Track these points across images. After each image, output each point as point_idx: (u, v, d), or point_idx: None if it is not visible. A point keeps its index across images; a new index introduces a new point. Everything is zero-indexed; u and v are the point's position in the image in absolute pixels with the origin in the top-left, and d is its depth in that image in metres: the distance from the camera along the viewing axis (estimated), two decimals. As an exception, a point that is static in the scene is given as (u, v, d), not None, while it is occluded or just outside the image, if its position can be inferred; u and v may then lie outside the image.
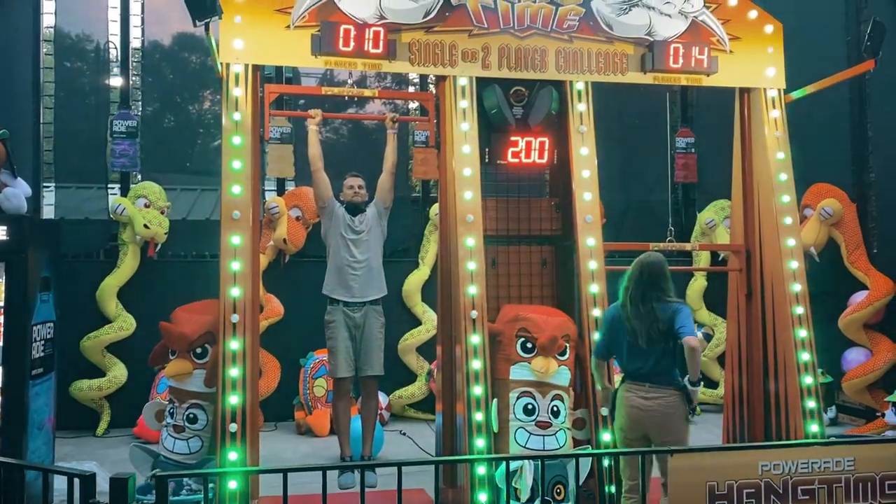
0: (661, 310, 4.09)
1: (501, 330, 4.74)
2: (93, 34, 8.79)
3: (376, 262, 5.03)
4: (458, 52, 4.94)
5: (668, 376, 4.12)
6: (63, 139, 8.69)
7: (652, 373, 4.10)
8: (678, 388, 4.09)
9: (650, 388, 4.09)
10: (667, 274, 4.24)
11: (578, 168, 5.00)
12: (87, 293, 7.79)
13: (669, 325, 4.05)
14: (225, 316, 4.35)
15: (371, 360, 4.93)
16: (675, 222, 9.23)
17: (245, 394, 4.31)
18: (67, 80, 8.89)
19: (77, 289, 7.64)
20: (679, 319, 4.04)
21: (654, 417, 4.07)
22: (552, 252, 5.38)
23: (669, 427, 4.07)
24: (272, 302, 8.05)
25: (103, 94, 8.77)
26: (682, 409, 4.09)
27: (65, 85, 8.83)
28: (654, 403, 4.07)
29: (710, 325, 8.82)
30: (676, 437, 4.06)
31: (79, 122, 8.91)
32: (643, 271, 4.21)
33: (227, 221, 4.46)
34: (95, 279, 7.85)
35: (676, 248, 6.03)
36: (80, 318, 7.59)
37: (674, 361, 4.12)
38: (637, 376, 4.16)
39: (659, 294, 4.14)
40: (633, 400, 4.13)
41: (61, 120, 8.66)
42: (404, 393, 8.23)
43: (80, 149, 8.87)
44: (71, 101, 8.87)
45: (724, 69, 5.32)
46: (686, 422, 4.13)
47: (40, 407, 4.97)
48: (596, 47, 5.15)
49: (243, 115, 4.60)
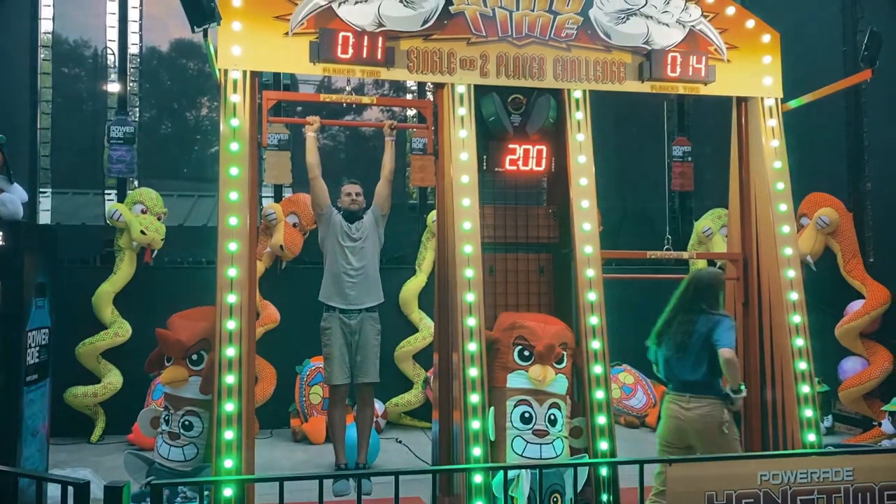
0: (702, 322, 4.29)
1: (499, 338, 4.73)
2: (90, 40, 8.81)
3: (373, 269, 5.02)
4: (456, 60, 4.94)
5: (708, 386, 4.28)
6: (60, 145, 8.68)
7: (692, 383, 4.30)
8: (719, 398, 4.24)
9: (690, 398, 4.30)
10: (715, 289, 4.49)
11: (576, 176, 4.99)
12: (84, 299, 7.76)
13: (707, 337, 4.22)
14: (221, 323, 4.33)
15: (367, 367, 4.92)
16: (672, 230, 9.25)
17: (241, 401, 4.28)
18: (65, 86, 8.88)
19: (73, 295, 7.60)
20: (717, 331, 4.23)
21: (695, 427, 4.26)
22: (550, 260, 5.37)
23: (708, 436, 4.23)
24: (268, 308, 8.03)
25: (101, 100, 8.77)
26: (721, 418, 4.23)
27: (62, 91, 8.82)
28: (693, 413, 4.26)
29: (706, 334, 8.81)
30: (718, 446, 4.18)
31: (76, 128, 8.90)
32: (689, 285, 4.49)
33: (224, 228, 4.45)
34: (92, 285, 7.83)
35: (674, 257, 6.04)
36: (76, 324, 7.57)
37: (714, 372, 4.26)
38: (678, 387, 4.39)
39: (703, 307, 4.36)
40: (674, 410, 4.35)
41: (58, 126, 8.65)
42: (400, 401, 8.20)
43: (78, 155, 8.85)
44: (68, 107, 8.86)
45: (722, 78, 5.33)
46: (723, 430, 4.24)
47: (34, 413, 4.94)
48: (594, 56, 5.16)
49: (241, 122, 4.59)
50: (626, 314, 7.60)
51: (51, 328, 5.15)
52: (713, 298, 4.43)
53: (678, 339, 4.35)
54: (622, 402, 8.33)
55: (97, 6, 8.59)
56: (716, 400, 4.26)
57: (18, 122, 8.11)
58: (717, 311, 4.38)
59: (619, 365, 8.45)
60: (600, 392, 4.68)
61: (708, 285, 4.46)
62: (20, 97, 8.17)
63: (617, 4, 5.20)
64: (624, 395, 8.38)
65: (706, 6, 5.34)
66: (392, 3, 4.87)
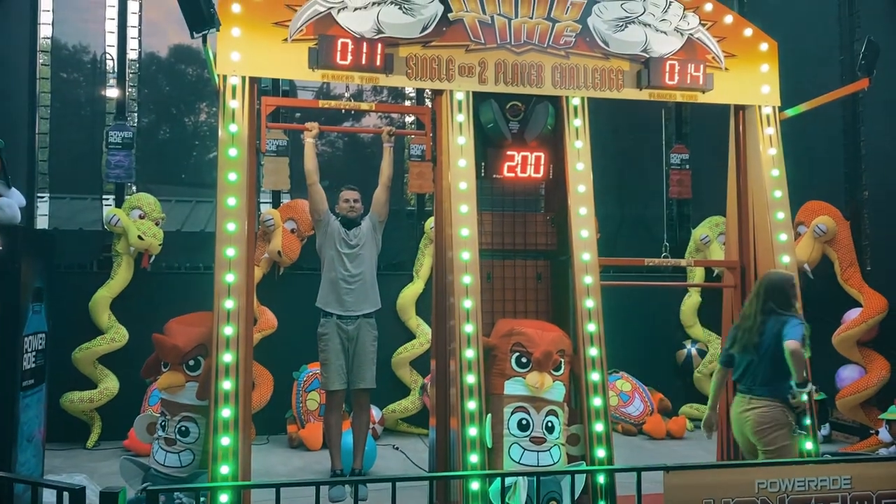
0: (772, 322, 4.37)
1: (496, 344, 4.73)
2: (90, 45, 8.80)
3: (370, 275, 5.02)
4: (454, 67, 4.95)
5: (770, 388, 4.36)
6: (59, 150, 8.67)
7: (756, 384, 4.39)
8: (779, 400, 4.31)
9: (751, 399, 4.40)
10: (786, 290, 4.53)
11: (574, 183, 5.00)
12: (81, 304, 7.74)
13: (777, 337, 4.30)
14: (218, 328, 4.32)
15: (363, 373, 4.92)
16: (670, 238, 9.25)
17: (237, 407, 4.27)
18: (63, 91, 8.87)
19: (70, 300, 7.59)
20: (785, 329, 4.29)
21: (751, 427, 4.35)
22: (547, 266, 5.38)
23: (764, 437, 4.31)
24: (266, 314, 8.01)
25: (99, 105, 8.76)
26: (778, 419, 4.31)
27: (61, 95, 8.82)
28: (750, 414, 4.36)
29: (703, 341, 8.83)
30: (773, 448, 4.28)
31: (75, 133, 8.89)
32: (760, 286, 4.57)
33: (221, 233, 4.44)
34: (89, 290, 7.81)
35: (671, 264, 6.04)
36: (73, 329, 7.55)
37: (780, 374, 4.31)
38: (743, 388, 4.47)
39: (773, 307, 4.42)
40: (736, 411, 4.47)
41: (57, 130, 8.64)
42: (397, 407, 8.18)
43: (76, 160, 8.84)
44: (67, 112, 8.85)
45: (720, 86, 5.35)
46: (780, 431, 4.31)
47: (30, 419, 4.92)
48: (592, 63, 5.17)
49: (240, 127, 4.59)
50: (623, 321, 7.65)
51: (47, 333, 5.13)
52: (783, 299, 4.47)
53: (750, 339, 4.42)
54: (619, 409, 8.31)
55: (97, 11, 8.60)
56: (775, 402, 4.32)
57: (17, 127, 8.09)
58: (788, 312, 4.43)
59: (617, 372, 8.44)
60: (598, 399, 4.68)
61: (778, 286, 4.51)
62: (19, 102, 8.16)
63: (615, 12, 5.22)
64: (621, 402, 8.37)
65: (704, 14, 5.36)
66: (391, 9, 4.88)
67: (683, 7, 5.34)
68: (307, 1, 4.77)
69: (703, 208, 9.15)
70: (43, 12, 8.40)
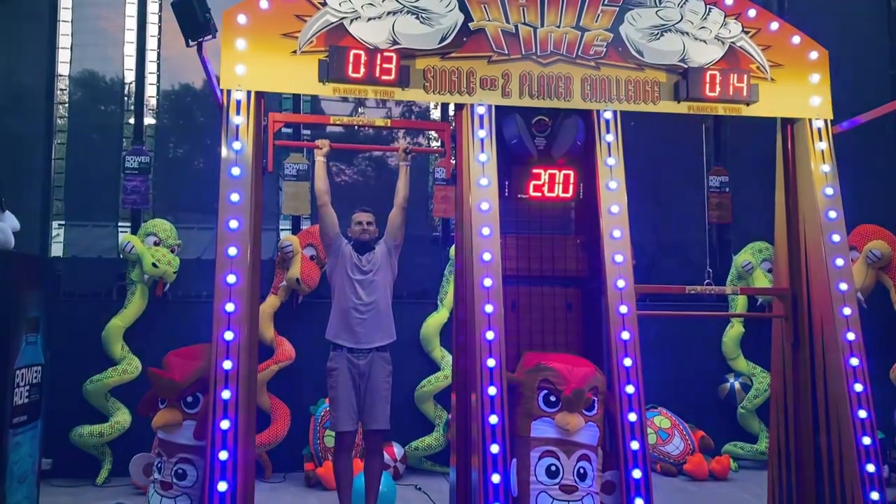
0: None
1: (522, 380, 4.31)
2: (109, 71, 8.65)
3: (384, 304, 4.63)
4: (476, 80, 4.60)
5: None
6: (76, 177, 8.49)
7: None
8: None
9: None
10: None
11: (607, 203, 4.59)
12: (94, 334, 7.50)
13: None
14: (216, 362, 3.97)
15: (376, 412, 4.50)
16: (710, 265, 8.77)
17: (237, 449, 3.90)
18: (82, 118, 8.73)
19: (84, 329, 7.37)
20: None
21: None
22: (578, 294, 4.94)
23: None
24: (284, 345, 7.67)
25: (120, 132, 8.59)
26: None
27: (79, 121, 8.67)
28: None
29: (747, 375, 8.28)
30: None
31: (93, 160, 8.72)
32: None
33: (221, 259, 4.13)
34: (103, 320, 7.56)
35: (716, 292, 5.58)
36: (85, 359, 7.31)
37: None
38: None
39: None
40: None
41: (74, 157, 8.48)
42: (420, 444, 7.74)
43: (94, 186, 8.65)
44: (85, 138, 8.70)
45: (766, 98, 4.93)
46: None
47: (22, 458, 4.60)
48: (625, 74, 4.79)
49: (245, 145, 4.28)
50: (660, 353, 7.23)
51: (44, 365, 4.83)
52: None
53: None
54: (658, 447, 7.80)
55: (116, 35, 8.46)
56: None
57: (33, 153, 7.97)
58: None
59: (655, 408, 7.95)
60: (636, 442, 4.22)
61: None
62: (35, 127, 8.03)
63: (650, 20, 4.84)
64: (660, 440, 7.85)
65: (747, 22, 4.96)
66: (408, 19, 4.56)
67: (724, 14, 4.94)
68: (318, 11, 4.48)
69: (744, 233, 8.66)
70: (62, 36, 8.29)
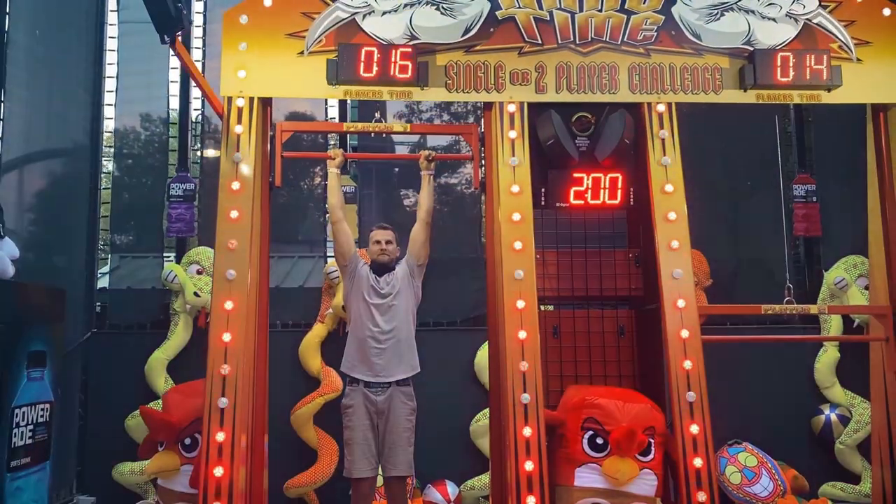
0: None
1: (563, 420, 3.68)
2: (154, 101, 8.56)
3: (406, 332, 4.08)
4: (505, 74, 4.07)
5: None
6: (122, 207, 8.39)
7: None
8: None
9: None
10: None
11: (661, 209, 3.95)
12: (139, 367, 7.28)
13: None
14: (211, 400, 3.52)
15: (396, 456, 3.93)
16: (798, 283, 7.87)
17: (231, 498, 3.41)
18: (128, 147, 8.66)
19: (127, 363, 7.16)
20: None
21: None
22: (631, 317, 4.30)
23: None
24: (330, 376, 7.23)
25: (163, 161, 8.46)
26: None
27: (125, 152, 8.60)
28: None
29: (845, 406, 7.34)
30: None
31: (138, 190, 8.63)
32: None
33: (219, 282, 3.69)
34: (147, 352, 7.34)
35: (798, 311, 4.81)
36: (128, 394, 7.07)
37: None
38: None
39: None
40: None
41: (119, 188, 8.39)
42: (477, 483, 7.11)
43: (141, 216, 8.54)
44: (131, 168, 8.62)
45: (851, 82, 4.20)
46: None
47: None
48: (680, 61, 4.16)
49: (245, 157, 3.86)
50: (743, 382, 6.40)
51: (53, 403, 4.49)
52: None
53: None
54: (743, 488, 6.95)
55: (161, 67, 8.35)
56: None
57: (79, 185, 7.87)
58: None
59: (739, 444, 7.11)
60: (702, 493, 3.51)
61: None
62: (80, 159, 7.94)
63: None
64: (745, 480, 7.00)
65: (825, -6, 4.26)
66: (427, 10, 4.09)
67: (797, -13, 4.26)
68: (327, 7, 4.04)
69: (834, 247, 7.76)
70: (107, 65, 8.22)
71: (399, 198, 8.75)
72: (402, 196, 8.71)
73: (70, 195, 7.85)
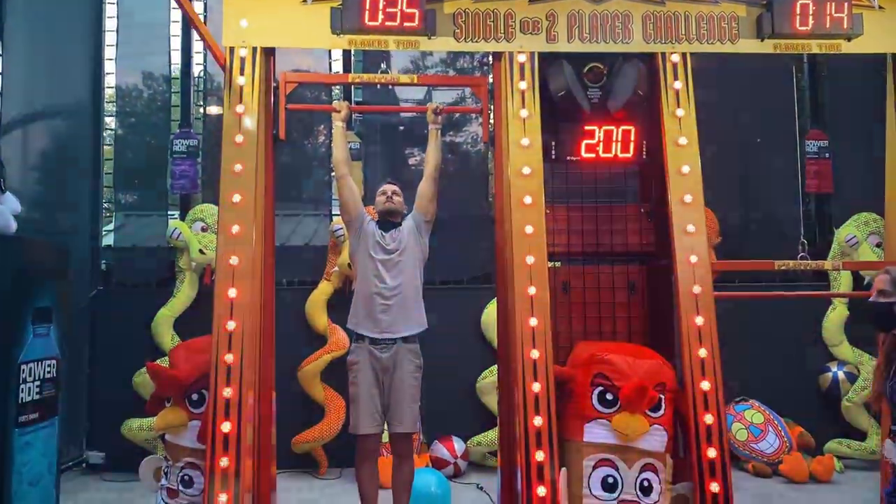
0: None
1: (573, 375, 3.64)
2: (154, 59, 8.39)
3: (412, 288, 4.01)
4: (515, 23, 3.95)
5: None
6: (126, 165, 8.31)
7: None
8: None
9: None
10: None
11: (675, 163, 3.87)
12: (145, 325, 7.28)
13: None
14: (218, 356, 3.49)
15: (401, 413, 3.90)
16: (808, 240, 7.79)
17: (240, 456, 3.40)
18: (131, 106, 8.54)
19: (134, 320, 7.15)
20: None
21: None
22: (642, 273, 4.23)
23: None
24: (337, 333, 7.24)
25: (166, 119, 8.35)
26: None
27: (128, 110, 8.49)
28: None
29: (853, 363, 7.32)
30: None
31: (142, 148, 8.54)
32: None
33: (224, 236, 3.63)
34: (154, 310, 7.33)
35: (812, 268, 4.74)
36: (136, 351, 7.08)
37: None
38: None
39: None
40: None
41: (123, 146, 8.30)
42: (483, 439, 7.16)
43: (145, 173, 8.46)
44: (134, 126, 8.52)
45: (872, 30, 4.08)
46: None
47: (33, 459, 4.25)
48: (696, 9, 4.03)
49: (251, 109, 3.77)
50: (751, 339, 6.37)
51: (59, 359, 4.47)
52: None
53: None
54: (749, 444, 6.97)
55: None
56: None
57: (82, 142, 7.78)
58: None
59: (746, 401, 7.12)
60: (713, 449, 3.49)
61: None
62: (83, 116, 7.84)
63: (725, -57, 4.05)
64: (752, 437, 7.01)
65: (848, -62, 4.10)
66: (434, -43, 3.94)
67: (818, -70, 4.09)
68: (331, -47, 3.91)
69: (845, 204, 7.65)
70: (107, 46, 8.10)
71: (404, 156, 8.64)
72: (408, 155, 8.61)
73: (73, 154, 7.77)
